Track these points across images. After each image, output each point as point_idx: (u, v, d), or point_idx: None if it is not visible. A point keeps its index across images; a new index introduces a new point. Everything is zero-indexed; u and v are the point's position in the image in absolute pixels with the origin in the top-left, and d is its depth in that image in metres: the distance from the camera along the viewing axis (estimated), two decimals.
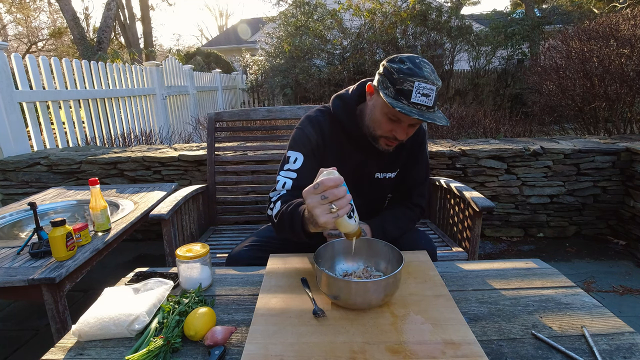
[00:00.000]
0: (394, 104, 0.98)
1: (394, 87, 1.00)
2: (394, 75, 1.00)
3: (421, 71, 0.99)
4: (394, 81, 1.00)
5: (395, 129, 1.07)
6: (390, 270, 0.94)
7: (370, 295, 0.83)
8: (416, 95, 0.98)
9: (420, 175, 1.32)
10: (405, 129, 1.07)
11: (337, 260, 1.02)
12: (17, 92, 2.80)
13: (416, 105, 0.99)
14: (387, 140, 1.11)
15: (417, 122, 1.04)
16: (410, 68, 0.99)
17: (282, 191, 1.13)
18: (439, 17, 6.44)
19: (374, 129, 1.12)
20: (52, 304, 1.20)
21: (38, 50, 18.26)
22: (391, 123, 1.07)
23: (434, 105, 1.01)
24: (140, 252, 2.64)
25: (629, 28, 3.49)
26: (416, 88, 0.97)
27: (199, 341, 0.80)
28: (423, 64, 1.01)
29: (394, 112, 1.04)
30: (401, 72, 0.99)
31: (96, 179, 1.40)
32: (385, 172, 1.27)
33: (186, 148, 2.81)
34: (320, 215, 0.78)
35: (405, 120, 1.04)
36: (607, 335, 0.78)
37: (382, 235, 1.14)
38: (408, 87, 0.98)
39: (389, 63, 1.03)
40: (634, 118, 3.76)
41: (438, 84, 1.01)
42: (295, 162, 1.16)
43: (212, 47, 15.71)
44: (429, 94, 0.98)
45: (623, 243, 2.50)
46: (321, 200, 0.78)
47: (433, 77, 1.00)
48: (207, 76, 7.72)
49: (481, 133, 3.73)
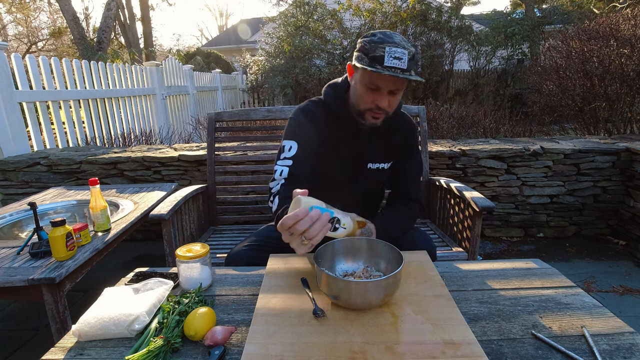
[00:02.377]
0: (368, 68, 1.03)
1: (368, 56, 1.05)
2: (366, 46, 1.05)
3: (391, 39, 1.04)
4: (367, 51, 1.05)
5: (376, 98, 1.10)
6: (390, 270, 0.94)
7: (370, 295, 0.83)
8: (389, 59, 1.02)
9: (415, 169, 1.33)
10: (385, 96, 1.09)
11: (337, 260, 1.02)
12: (17, 92, 2.80)
13: (390, 69, 1.02)
14: (372, 112, 1.13)
15: (395, 87, 1.08)
16: (381, 37, 1.04)
17: (280, 181, 1.16)
18: (439, 17, 6.44)
19: (358, 104, 1.15)
20: (52, 304, 1.20)
21: (38, 50, 18.26)
22: (372, 93, 1.10)
23: (409, 69, 1.04)
24: (140, 252, 2.64)
25: (629, 28, 3.49)
26: (388, 52, 1.01)
27: (199, 341, 0.80)
28: (394, 35, 1.06)
29: (371, 80, 1.07)
30: (372, 42, 1.05)
31: (96, 179, 1.40)
32: (378, 162, 1.28)
33: (186, 148, 2.81)
34: (296, 249, 0.84)
35: (383, 85, 1.07)
36: (607, 335, 0.78)
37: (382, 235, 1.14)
38: (380, 53, 1.02)
39: (362, 39, 1.09)
40: (634, 118, 3.76)
41: (410, 49, 1.05)
42: (290, 150, 1.19)
43: (212, 47, 15.70)
44: (401, 57, 1.02)
45: (623, 243, 2.50)
46: (290, 236, 0.83)
47: (404, 43, 1.04)
48: (207, 76, 7.72)
49: (481, 133, 3.73)
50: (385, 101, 1.10)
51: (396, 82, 1.07)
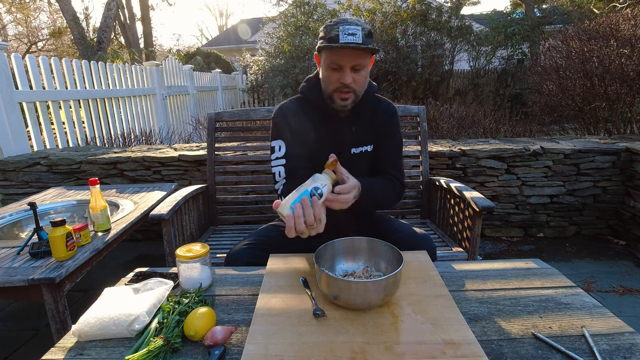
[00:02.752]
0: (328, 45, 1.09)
1: (325, 38, 1.12)
2: (324, 31, 1.14)
3: (345, 20, 1.11)
4: (325, 35, 1.13)
5: (340, 77, 1.14)
6: (390, 270, 0.94)
7: (370, 295, 0.83)
8: (343, 37, 1.08)
9: (393, 148, 1.35)
10: (348, 73, 1.13)
11: (337, 260, 1.02)
12: (17, 92, 2.80)
13: (347, 44, 1.08)
14: (340, 92, 1.16)
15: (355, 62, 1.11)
16: (336, 21, 1.12)
17: (282, 181, 1.22)
18: (439, 17, 6.44)
19: (327, 87, 1.19)
20: (52, 304, 1.20)
21: (38, 50, 18.26)
22: (335, 72, 1.14)
23: (365, 43, 1.09)
24: (140, 252, 2.64)
25: (629, 28, 3.49)
26: (342, 31, 1.08)
27: (199, 341, 0.80)
28: (350, 18, 1.12)
29: (331, 60, 1.13)
30: (328, 27, 1.13)
31: (96, 179, 1.40)
32: (361, 146, 1.30)
33: (186, 148, 2.81)
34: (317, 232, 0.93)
35: (343, 62, 1.11)
36: (607, 335, 0.78)
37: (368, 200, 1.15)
38: (335, 33, 1.09)
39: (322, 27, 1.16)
40: (634, 118, 3.76)
41: (363, 25, 1.10)
42: (280, 150, 1.25)
43: (212, 47, 15.70)
44: (355, 32, 1.08)
45: (623, 243, 2.50)
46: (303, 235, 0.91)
47: (357, 22, 1.10)
48: (207, 76, 7.71)
49: (481, 133, 3.73)
50: (348, 77, 1.13)
51: (355, 57, 1.11)
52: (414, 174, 2.06)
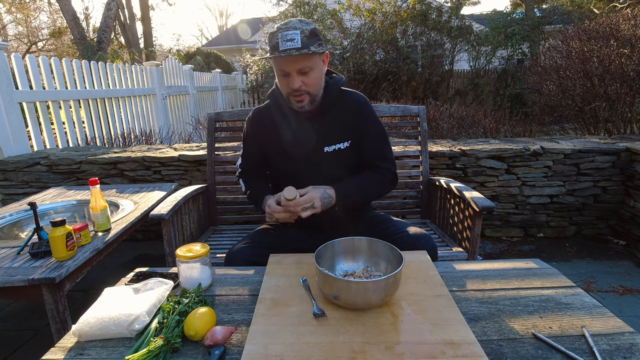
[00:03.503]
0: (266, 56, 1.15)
1: (269, 47, 1.16)
2: (268, 39, 1.17)
3: (286, 25, 1.12)
4: (268, 43, 1.17)
5: (289, 82, 1.17)
6: (390, 270, 0.94)
7: (370, 295, 0.83)
8: (283, 44, 1.10)
9: (373, 139, 1.34)
10: (296, 77, 1.15)
11: (337, 260, 1.02)
12: (17, 92, 2.80)
13: (285, 51, 1.10)
14: (293, 96, 1.20)
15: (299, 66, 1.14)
16: (278, 27, 1.13)
17: (238, 169, 1.45)
18: (439, 17, 6.44)
19: (283, 91, 1.24)
20: (52, 304, 1.20)
21: (38, 50, 18.26)
22: (284, 78, 1.18)
23: (304, 46, 1.10)
24: (140, 252, 2.64)
25: (629, 28, 3.49)
26: (281, 38, 1.10)
27: (199, 341, 0.80)
28: (291, 20, 1.14)
29: (278, 67, 1.17)
30: (271, 34, 1.15)
31: (96, 179, 1.40)
32: (334, 144, 1.29)
33: (186, 148, 2.81)
34: None
35: (287, 68, 1.15)
36: (607, 335, 0.78)
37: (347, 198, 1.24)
38: (275, 41, 1.12)
39: None
40: (634, 118, 3.76)
41: (304, 28, 1.11)
42: (242, 150, 1.44)
43: (212, 47, 15.70)
44: (293, 37, 1.10)
45: (623, 243, 2.50)
46: None
47: (297, 25, 1.12)
48: (207, 76, 7.72)
49: (481, 133, 3.73)
50: (296, 82, 1.15)
51: (297, 62, 1.13)
52: (414, 174, 2.06)
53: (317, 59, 1.17)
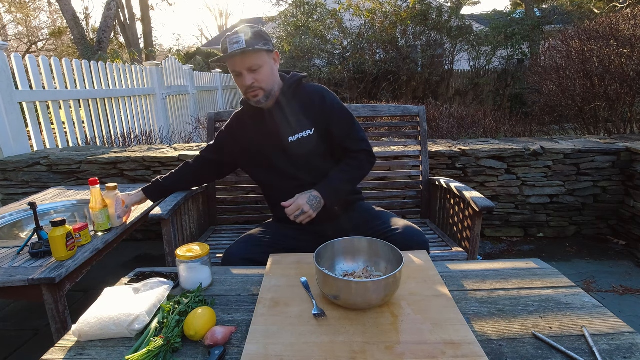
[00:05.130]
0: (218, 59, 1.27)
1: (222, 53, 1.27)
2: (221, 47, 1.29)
3: (234, 31, 1.23)
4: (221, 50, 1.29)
5: (242, 80, 1.27)
6: (391, 270, 0.94)
7: (371, 295, 0.83)
8: (230, 47, 1.22)
9: (341, 123, 1.40)
10: (247, 75, 1.25)
11: (337, 260, 1.02)
12: (17, 92, 2.80)
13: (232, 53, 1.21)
14: (247, 93, 1.30)
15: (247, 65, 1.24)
16: (228, 34, 1.24)
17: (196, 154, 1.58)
18: (439, 17, 6.44)
19: (241, 91, 1.34)
20: (52, 304, 1.20)
21: (38, 50, 18.25)
22: (239, 78, 1.28)
23: (249, 45, 1.20)
24: (140, 252, 2.64)
25: (629, 28, 3.49)
26: (228, 42, 1.22)
27: (199, 341, 0.80)
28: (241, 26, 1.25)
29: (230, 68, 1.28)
30: (222, 42, 1.27)
31: (96, 179, 1.40)
32: (297, 133, 1.35)
33: (186, 148, 2.81)
34: None
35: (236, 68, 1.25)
36: (607, 335, 0.78)
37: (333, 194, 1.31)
38: (225, 46, 1.24)
39: None
40: (634, 118, 3.76)
41: (247, 30, 1.23)
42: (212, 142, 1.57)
43: (212, 47, 15.70)
44: (238, 40, 1.21)
45: (623, 243, 2.50)
46: None
47: (244, 29, 1.23)
48: (207, 76, 7.71)
49: (481, 133, 3.73)
50: (248, 79, 1.25)
51: (244, 61, 1.23)
52: (414, 174, 2.06)
53: (264, 57, 1.26)
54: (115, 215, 1.49)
